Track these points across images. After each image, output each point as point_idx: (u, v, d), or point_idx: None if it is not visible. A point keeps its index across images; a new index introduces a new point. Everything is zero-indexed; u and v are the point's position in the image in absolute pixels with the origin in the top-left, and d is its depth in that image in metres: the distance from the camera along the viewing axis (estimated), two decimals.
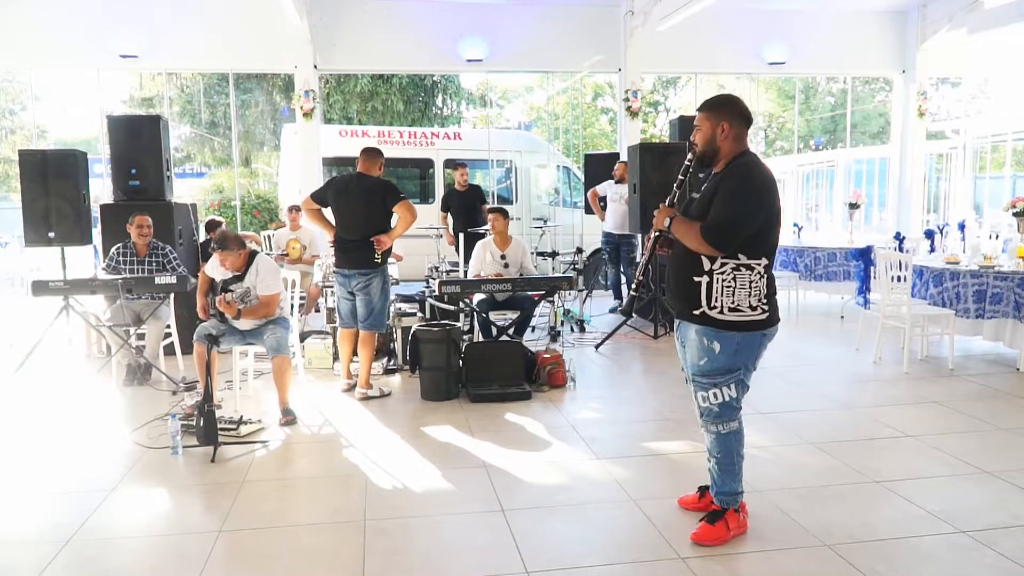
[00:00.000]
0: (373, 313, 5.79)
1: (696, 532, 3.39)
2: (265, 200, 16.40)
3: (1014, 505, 3.71)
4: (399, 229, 5.72)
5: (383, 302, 5.85)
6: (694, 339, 3.33)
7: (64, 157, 7.14)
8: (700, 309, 3.24)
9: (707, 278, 3.21)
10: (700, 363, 3.31)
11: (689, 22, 10.02)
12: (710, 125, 3.27)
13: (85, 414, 5.50)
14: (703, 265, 3.21)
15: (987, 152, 14.56)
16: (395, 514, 3.74)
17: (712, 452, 3.45)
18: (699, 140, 3.31)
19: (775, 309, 3.30)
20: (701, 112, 3.34)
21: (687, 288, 3.27)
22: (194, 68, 15.20)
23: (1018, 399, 5.57)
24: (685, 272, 3.28)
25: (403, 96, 20.22)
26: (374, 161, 5.79)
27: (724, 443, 3.40)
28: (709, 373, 3.30)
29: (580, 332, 8.25)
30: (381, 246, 5.67)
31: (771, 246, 3.24)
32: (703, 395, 3.34)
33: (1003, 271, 6.40)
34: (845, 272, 9.19)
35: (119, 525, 3.69)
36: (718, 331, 3.23)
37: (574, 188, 13.14)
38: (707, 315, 3.23)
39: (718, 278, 3.20)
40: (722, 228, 3.11)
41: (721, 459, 3.42)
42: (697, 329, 3.29)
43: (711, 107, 3.32)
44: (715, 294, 3.21)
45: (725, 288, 3.20)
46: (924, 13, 11.41)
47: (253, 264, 5.35)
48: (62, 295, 6.16)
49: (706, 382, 3.31)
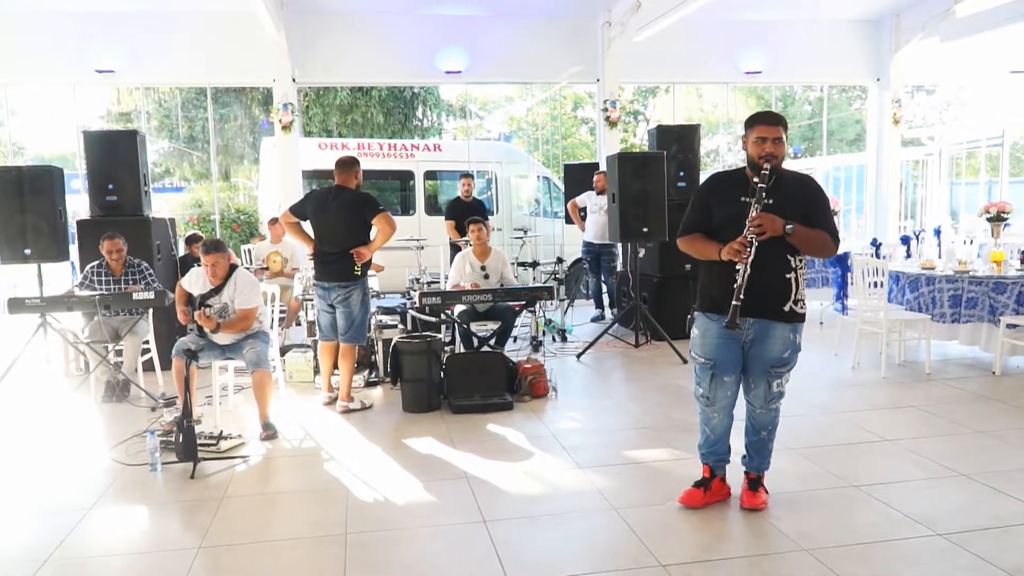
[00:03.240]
0: (353, 326, 5.78)
1: (751, 499, 3.78)
2: (245, 214, 16.30)
3: (989, 507, 3.75)
4: (378, 241, 5.72)
5: (363, 315, 5.83)
6: (782, 335, 3.63)
7: (40, 173, 7.07)
8: (787, 305, 3.58)
9: (794, 274, 3.57)
10: (784, 355, 3.66)
11: (666, 32, 10.10)
12: (785, 138, 3.55)
13: (63, 432, 5.44)
14: (790, 263, 3.56)
15: (962, 158, 14.75)
16: (376, 527, 3.73)
17: (768, 429, 3.81)
18: (780, 152, 3.53)
19: None
20: (777, 125, 3.54)
21: (781, 286, 3.57)
22: (171, 82, 15.11)
23: (994, 402, 5.63)
24: (779, 271, 3.55)
25: (383, 108, 20.20)
26: (350, 171, 5.77)
27: (776, 420, 3.82)
28: (789, 363, 3.70)
29: (562, 342, 8.26)
30: (361, 258, 5.66)
31: None
32: (777, 383, 3.72)
33: (978, 276, 6.49)
34: (823, 278, 9.29)
35: (98, 543, 3.66)
36: (798, 324, 3.65)
37: (554, 198, 13.18)
38: (793, 311, 3.60)
39: (800, 274, 3.59)
40: (835, 230, 3.58)
41: (772, 435, 3.83)
42: (787, 327, 3.62)
43: (783, 121, 3.58)
44: (798, 289, 3.59)
45: (802, 282, 3.60)
46: (898, 22, 11.56)
47: (232, 278, 5.33)
48: (39, 312, 6.10)
49: (784, 371, 3.71)
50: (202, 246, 5.33)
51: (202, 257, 5.26)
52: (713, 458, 3.87)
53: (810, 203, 3.56)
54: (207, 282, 5.32)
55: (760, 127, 3.53)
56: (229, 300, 5.31)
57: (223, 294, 5.30)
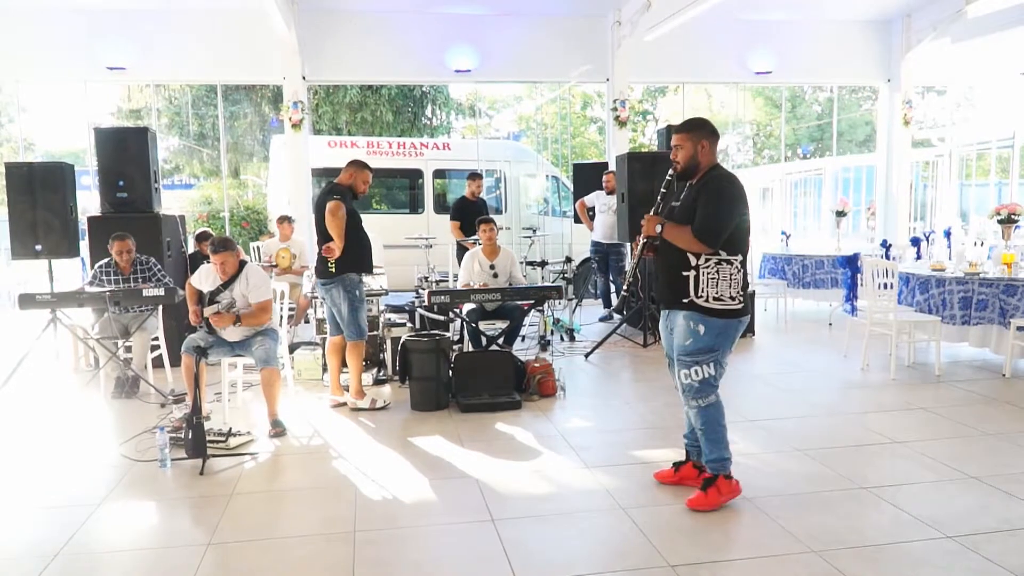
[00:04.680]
0: (344, 322, 5.71)
1: (692, 499, 3.82)
2: (254, 211, 16.34)
3: (999, 510, 3.74)
4: (334, 234, 5.47)
5: (351, 313, 5.67)
6: (682, 323, 3.79)
7: (51, 169, 7.12)
8: (688, 298, 3.72)
9: (694, 272, 3.71)
10: (686, 344, 3.77)
11: (676, 32, 10.10)
12: (692, 144, 3.78)
13: (72, 427, 5.47)
14: (690, 261, 3.71)
15: (972, 160, 14.69)
16: (385, 525, 3.74)
17: (697, 425, 3.88)
18: (681, 158, 3.82)
19: (747, 301, 3.83)
20: (681, 133, 3.83)
21: (676, 282, 3.75)
22: (182, 80, 15.19)
23: (1004, 404, 5.61)
24: (674, 269, 3.76)
25: (392, 107, 20.21)
26: (346, 171, 5.73)
27: (705, 415, 3.83)
28: (692, 353, 3.76)
29: (570, 341, 8.26)
30: (330, 254, 5.52)
31: (746, 246, 3.78)
32: (685, 372, 3.80)
33: (988, 278, 6.46)
34: (833, 279, 9.25)
35: (107, 539, 3.68)
36: (703, 316, 3.71)
37: (563, 197, 13.17)
38: (694, 303, 3.72)
39: (703, 272, 3.70)
40: (709, 228, 3.63)
41: (706, 430, 3.85)
42: (685, 314, 3.76)
43: (690, 128, 3.83)
44: (701, 285, 3.70)
45: (710, 280, 3.70)
46: (908, 23, 11.52)
47: (243, 272, 5.36)
48: (49, 308, 6.13)
49: (689, 360, 3.77)
50: (210, 245, 5.35)
51: (211, 256, 5.29)
52: (685, 442, 4.17)
53: (701, 202, 3.69)
54: (216, 278, 5.34)
55: (672, 137, 3.88)
56: (240, 295, 5.33)
57: (233, 289, 5.32)
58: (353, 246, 5.57)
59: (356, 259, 5.66)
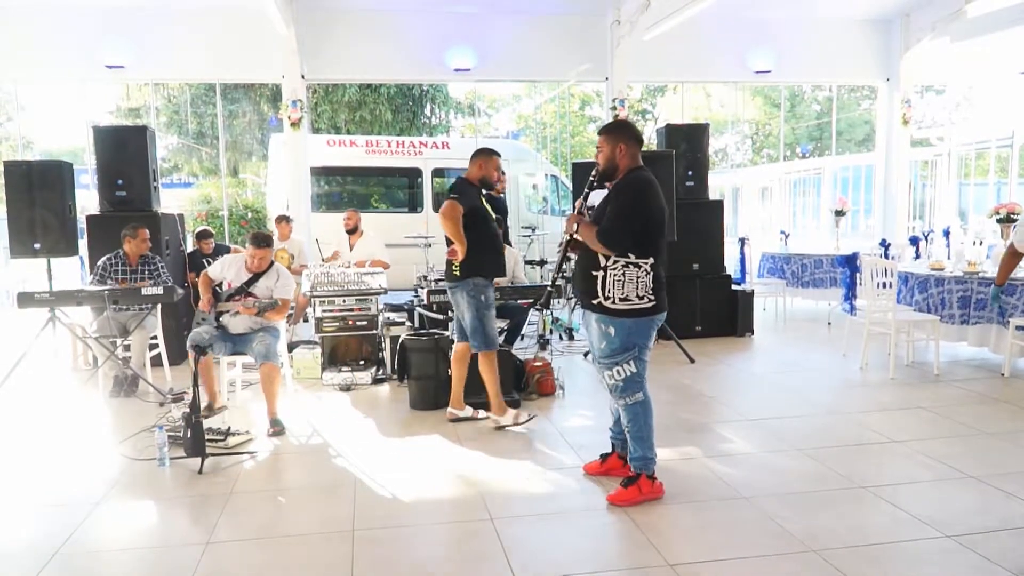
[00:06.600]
0: (469, 330, 5.23)
1: (611, 495, 3.88)
2: (253, 210, 16.33)
3: (998, 509, 3.74)
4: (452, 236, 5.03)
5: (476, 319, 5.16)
6: (595, 327, 3.88)
7: (50, 168, 7.10)
8: (597, 299, 3.80)
9: (602, 273, 3.78)
10: (601, 346, 3.87)
11: (675, 31, 10.09)
12: (610, 146, 3.85)
13: (71, 426, 5.47)
14: (599, 261, 3.79)
15: (971, 159, 14.70)
16: (384, 524, 3.74)
17: (624, 422, 3.94)
18: (601, 159, 3.89)
19: (662, 299, 3.87)
20: (601, 135, 3.92)
21: (587, 281, 3.84)
22: (181, 78, 15.19)
23: (1003, 404, 5.61)
24: (586, 268, 3.86)
25: (391, 105, 20.20)
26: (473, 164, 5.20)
27: (632, 413, 3.89)
28: (609, 354, 3.83)
29: (569, 340, 8.26)
30: (454, 257, 5.10)
31: (658, 248, 3.82)
32: (608, 373, 3.86)
33: (987, 277, 6.46)
34: (831, 279, 9.26)
35: (106, 538, 3.67)
36: (612, 318, 3.79)
37: (562, 196, 13.17)
38: (602, 304, 3.79)
39: (610, 273, 3.77)
40: (612, 230, 3.71)
41: (631, 428, 3.91)
42: (596, 317, 3.85)
43: (610, 131, 3.93)
44: (608, 286, 3.77)
45: (616, 282, 3.76)
46: (907, 22, 11.52)
47: (273, 268, 5.58)
48: (48, 307, 6.12)
49: (608, 362, 3.85)
50: (253, 238, 5.52)
51: (252, 248, 5.45)
52: (610, 434, 4.30)
53: (610, 204, 3.78)
54: (242, 269, 5.50)
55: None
56: (266, 288, 5.51)
57: (261, 282, 5.51)
58: (478, 247, 5.02)
59: (482, 261, 5.08)
